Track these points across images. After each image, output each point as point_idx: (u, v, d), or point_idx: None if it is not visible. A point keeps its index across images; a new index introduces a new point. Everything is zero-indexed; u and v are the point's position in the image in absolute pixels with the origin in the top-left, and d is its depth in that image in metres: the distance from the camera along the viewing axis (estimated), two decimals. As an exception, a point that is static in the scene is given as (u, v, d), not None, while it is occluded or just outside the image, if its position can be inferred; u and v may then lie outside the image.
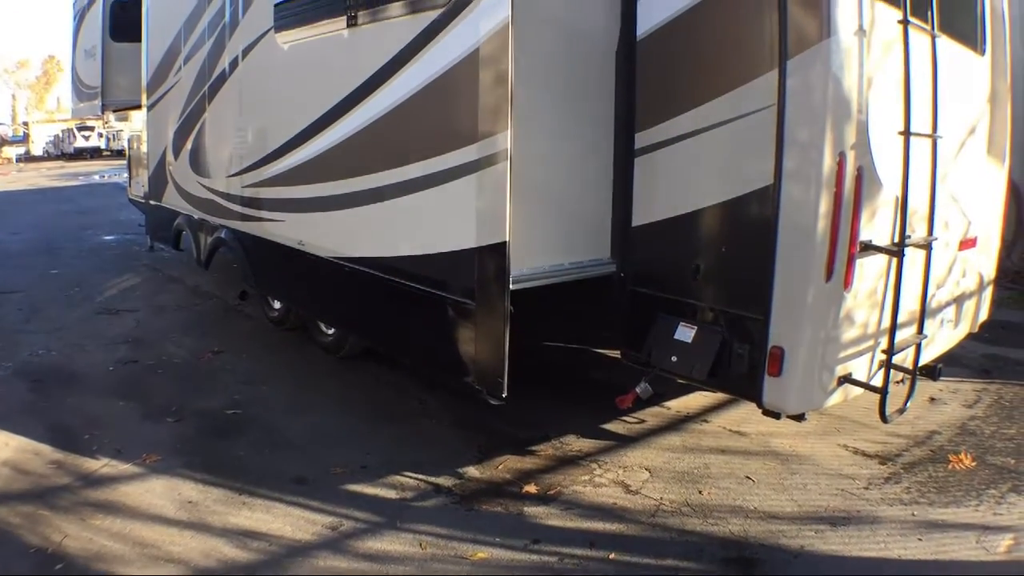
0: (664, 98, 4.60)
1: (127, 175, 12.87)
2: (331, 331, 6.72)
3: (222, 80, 7.09)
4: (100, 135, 52.21)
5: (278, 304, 7.48)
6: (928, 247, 4.42)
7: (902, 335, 4.38)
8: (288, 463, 4.82)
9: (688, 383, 4.75)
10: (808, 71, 3.90)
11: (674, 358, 4.55)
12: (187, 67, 7.89)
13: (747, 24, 4.20)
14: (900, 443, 5.07)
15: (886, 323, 4.28)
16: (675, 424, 5.37)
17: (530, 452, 4.95)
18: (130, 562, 3.79)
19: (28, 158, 55.69)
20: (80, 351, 7.10)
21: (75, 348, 7.19)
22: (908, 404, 4.63)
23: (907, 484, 4.54)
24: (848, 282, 4.04)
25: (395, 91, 4.79)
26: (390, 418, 5.53)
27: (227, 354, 6.99)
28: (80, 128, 52.69)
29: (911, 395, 4.60)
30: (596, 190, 4.96)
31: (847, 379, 4.24)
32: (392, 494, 4.46)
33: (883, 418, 4.34)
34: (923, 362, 4.68)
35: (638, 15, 4.68)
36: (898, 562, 3.80)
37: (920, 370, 4.60)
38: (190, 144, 7.99)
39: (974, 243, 5.36)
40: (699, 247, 4.50)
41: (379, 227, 5.14)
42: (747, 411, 5.23)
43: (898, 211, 4.19)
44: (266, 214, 6.49)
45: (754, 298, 4.15)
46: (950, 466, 4.75)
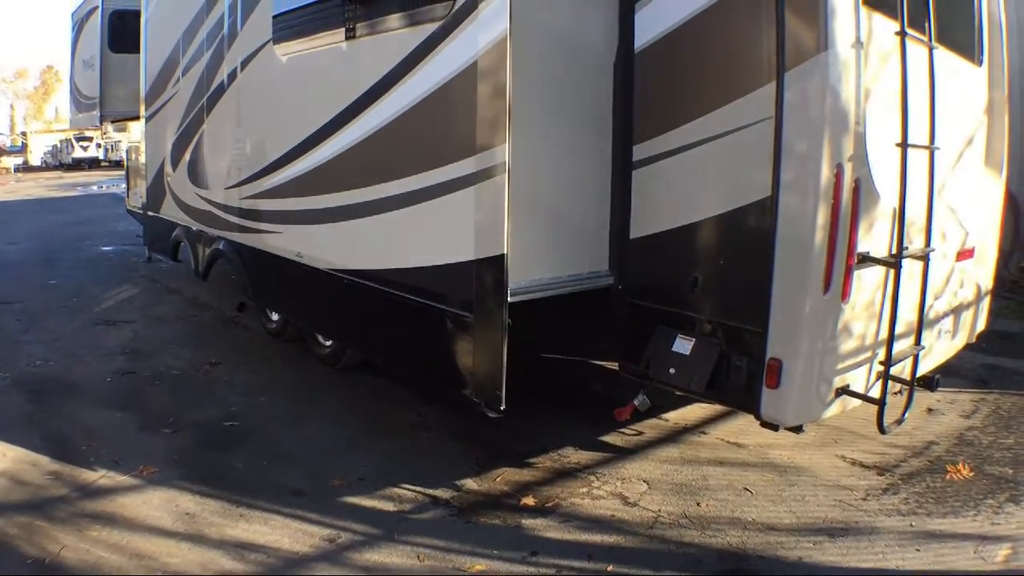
0: (662, 110, 4.61)
1: (125, 186, 12.88)
2: (329, 343, 6.71)
3: (220, 92, 7.10)
4: (98, 146, 52.22)
5: (276, 316, 7.47)
6: (925, 258, 4.42)
7: (900, 346, 4.38)
8: (286, 475, 4.81)
9: (686, 395, 4.75)
10: (806, 83, 3.91)
11: (672, 370, 4.55)
12: (185, 78, 7.91)
13: (745, 36, 4.21)
14: (898, 454, 5.07)
15: (884, 334, 4.28)
16: (673, 436, 5.37)
17: (528, 464, 4.94)
18: (128, 573, 3.77)
19: (26, 168, 55.74)
20: (78, 362, 7.09)
21: (73, 359, 7.18)
22: (906, 415, 4.63)
23: (905, 495, 4.54)
24: (846, 294, 4.04)
25: (393, 103, 4.80)
26: (388, 430, 5.52)
27: (225, 366, 6.98)
28: (78, 138, 52.71)
29: (909, 406, 4.61)
30: (594, 202, 4.96)
31: (845, 391, 4.24)
32: (390, 506, 4.45)
33: (881, 429, 4.33)
34: (921, 373, 4.68)
35: (636, 27, 4.69)
36: (896, 572, 3.80)
37: (918, 381, 4.60)
38: (188, 155, 8.00)
39: (971, 254, 5.37)
40: (697, 259, 4.50)
41: (377, 239, 5.14)
42: (745, 423, 5.23)
43: (895, 222, 4.19)
44: (264, 226, 6.49)
45: (752, 310, 4.15)
46: (948, 476, 4.75)
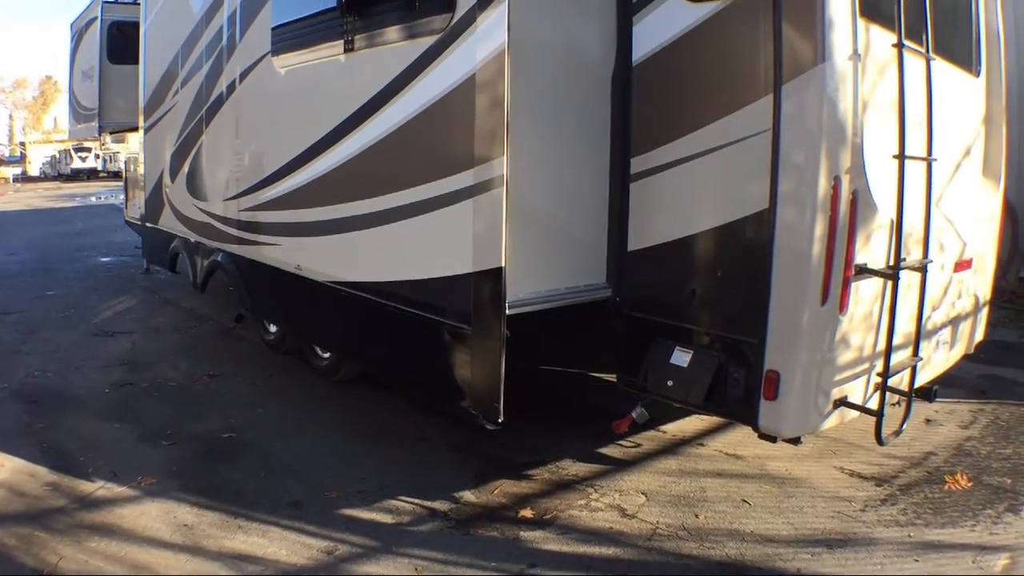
0: (660, 123, 4.62)
1: (124, 197, 12.92)
2: (327, 355, 6.70)
3: (219, 103, 7.12)
4: (97, 156, 52.50)
5: (274, 327, 7.47)
6: (923, 269, 4.43)
7: (898, 357, 4.38)
8: (284, 487, 4.80)
9: (684, 407, 4.74)
10: (803, 95, 3.91)
11: (670, 382, 4.55)
12: (184, 90, 7.93)
13: (742, 49, 4.22)
14: (896, 465, 5.07)
15: (881, 346, 4.29)
16: (671, 448, 5.36)
17: (526, 476, 4.94)
18: (125, 586, 3.77)
19: (25, 179, 55.88)
20: (76, 373, 7.08)
21: (71, 370, 7.17)
22: (904, 426, 4.63)
23: (903, 505, 4.54)
24: (843, 305, 4.04)
25: (392, 116, 4.81)
26: (386, 442, 5.51)
27: (223, 377, 6.98)
28: (77, 149, 52.92)
29: (907, 417, 4.61)
30: (592, 215, 4.97)
31: (843, 402, 4.24)
32: (388, 518, 4.44)
33: (879, 440, 4.34)
34: (919, 384, 4.68)
35: (634, 41, 4.70)
36: (895, 584, 3.80)
37: (916, 392, 4.61)
38: (187, 167, 8.01)
39: (969, 264, 5.37)
40: (695, 272, 4.51)
41: (376, 252, 5.15)
42: (743, 434, 5.23)
43: (893, 234, 4.20)
44: (263, 238, 6.50)
45: (750, 322, 4.16)
46: (946, 487, 4.75)
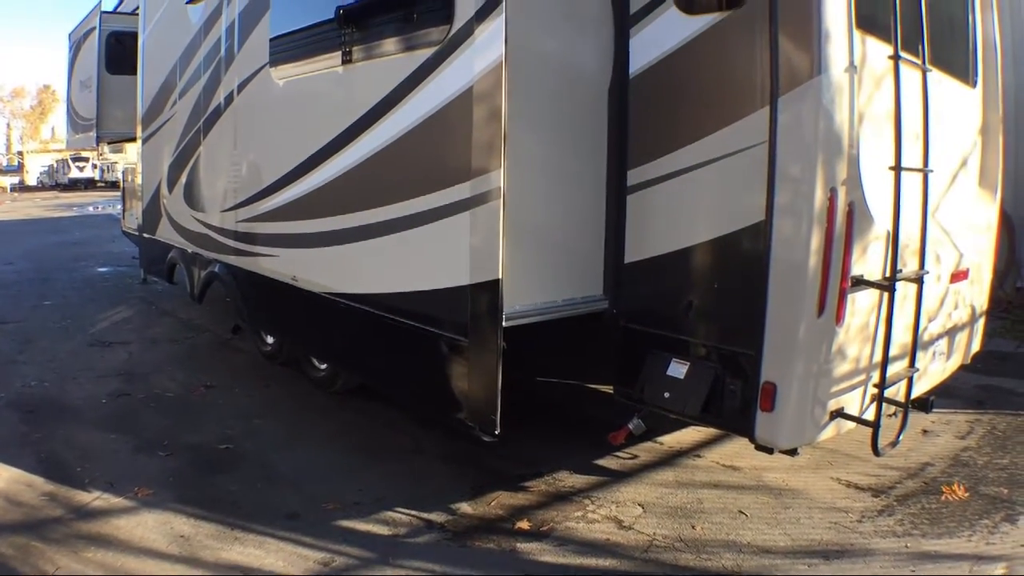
0: (657, 135, 4.63)
1: (121, 207, 12.93)
2: (324, 366, 6.69)
3: (217, 114, 7.13)
4: (95, 166, 52.55)
5: (271, 339, 7.45)
6: (919, 281, 4.43)
7: (894, 368, 4.39)
8: (280, 498, 4.80)
9: (681, 419, 4.74)
10: (799, 108, 3.92)
11: (667, 394, 4.55)
12: (182, 101, 7.94)
13: (739, 62, 4.23)
14: (893, 476, 5.07)
15: (878, 357, 4.29)
16: (668, 459, 5.36)
17: (523, 488, 4.93)
18: (122, 598, 3.77)
19: (22, 188, 55.87)
20: (73, 383, 7.08)
21: (68, 380, 7.16)
22: (900, 437, 4.64)
23: (900, 516, 4.54)
24: (840, 317, 4.05)
25: (389, 128, 4.81)
26: (383, 454, 5.51)
27: (219, 388, 6.97)
28: (75, 159, 52.98)
29: (903, 428, 4.61)
30: (589, 227, 4.97)
31: (839, 413, 4.24)
32: (384, 530, 4.43)
33: (875, 451, 4.36)
34: (916, 395, 4.69)
35: (631, 53, 4.72)
36: (892, 595, 3.80)
37: (913, 403, 4.62)
38: (184, 178, 8.02)
39: (966, 275, 5.38)
40: (692, 283, 4.51)
41: (373, 263, 5.15)
42: (740, 446, 5.22)
43: (889, 245, 4.21)
44: (260, 249, 6.50)
45: (746, 334, 4.16)
46: (943, 497, 4.75)
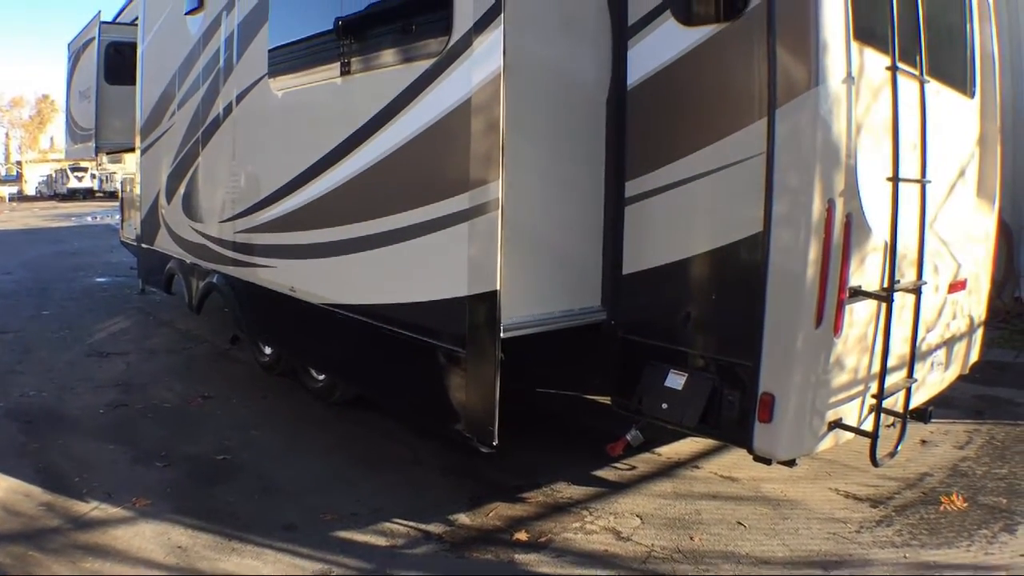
0: (655, 147, 4.64)
1: (120, 217, 12.94)
2: (322, 377, 6.69)
3: (216, 125, 7.14)
4: (93, 176, 52.60)
5: (269, 349, 7.45)
6: (917, 291, 4.44)
7: (892, 379, 4.39)
8: (278, 509, 4.79)
9: (679, 430, 4.74)
10: (797, 119, 3.93)
11: (665, 405, 4.55)
12: (181, 111, 7.96)
13: (737, 73, 4.24)
14: (892, 486, 5.07)
15: (876, 367, 4.29)
16: (666, 470, 5.36)
17: (521, 499, 4.93)
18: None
19: (21, 198, 55.88)
20: (71, 393, 7.07)
21: (66, 390, 7.16)
22: (899, 447, 4.62)
23: (899, 527, 4.54)
24: (838, 328, 4.05)
25: (388, 139, 4.83)
26: (381, 465, 5.50)
27: (217, 399, 6.96)
28: (73, 169, 53.05)
29: (902, 438, 4.60)
30: (587, 238, 4.97)
31: (838, 424, 4.24)
32: (382, 541, 4.43)
33: (874, 462, 4.35)
34: (914, 405, 4.69)
35: (629, 65, 4.73)
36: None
37: (911, 413, 4.62)
38: (183, 188, 8.03)
39: (963, 285, 5.39)
40: (690, 294, 4.52)
41: (371, 274, 5.15)
42: (738, 456, 5.22)
43: (887, 256, 4.21)
44: (258, 260, 6.51)
45: (744, 345, 4.16)
46: (942, 507, 4.75)
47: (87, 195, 52.30)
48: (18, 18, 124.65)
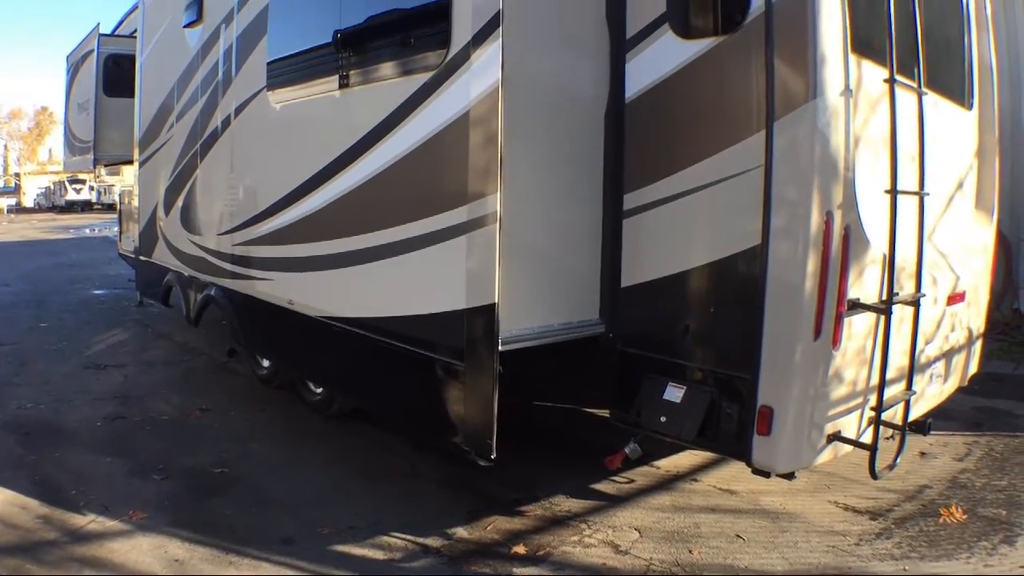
0: (653, 159, 4.65)
1: (118, 230, 12.92)
2: (320, 390, 6.67)
3: (214, 138, 7.15)
4: (91, 189, 52.65)
5: (267, 362, 7.43)
6: (916, 304, 4.44)
7: (891, 391, 4.39)
8: (275, 522, 4.77)
9: (677, 443, 4.73)
10: (795, 131, 3.94)
11: (663, 418, 4.55)
12: (180, 124, 7.97)
13: (735, 86, 4.26)
14: (891, 498, 5.06)
15: (875, 380, 4.29)
16: (664, 483, 5.34)
17: (519, 512, 4.91)
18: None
19: (19, 210, 55.94)
20: (68, 406, 7.05)
21: (63, 402, 7.14)
22: (898, 459, 4.61)
23: (898, 539, 4.53)
24: (836, 340, 4.05)
25: (386, 152, 4.83)
26: (378, 478, 5.48)
27: (215, 412, 6.94)
28: (71, 181, 53.13)
29: (901, 450, 4.59)
30: (585, 251, 4.97)
31: (836, 437, 4.23)
32: (380, 555, 4.41)
33: (873, 475, 4.34)
34: (913, 417, 4.69)
35: (627, 78, 4.74)
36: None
37: (910, 425, 4.62)
38: (181, 201, 8.03)
39: (962, 297, 5.39)
40: (688, 307, 4.52)
41: (369, 287, 5.15)
42: (737, 469, 5.21)
43: (885, 269, 4.21)
44: (256, 272, 6.51)
45: (743, 358, 4.15)
46: (941, 520, 4.74)
47: (85, 207, 52.34)
48: (17, 30, 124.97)
